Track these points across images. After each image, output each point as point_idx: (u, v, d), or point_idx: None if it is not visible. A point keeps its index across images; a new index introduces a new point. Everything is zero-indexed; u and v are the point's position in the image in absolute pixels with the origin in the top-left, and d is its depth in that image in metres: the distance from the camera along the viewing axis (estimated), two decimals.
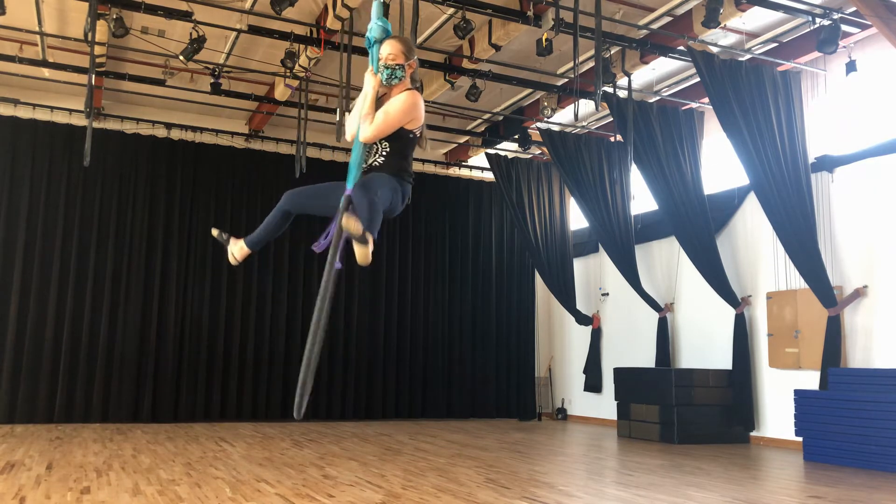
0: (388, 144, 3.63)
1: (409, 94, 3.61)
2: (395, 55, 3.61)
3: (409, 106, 3.58)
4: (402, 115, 3.57)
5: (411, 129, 3.63)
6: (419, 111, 3.64)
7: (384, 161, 3.62)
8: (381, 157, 3.62)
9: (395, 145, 3.62)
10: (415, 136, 3.67)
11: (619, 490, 5.83)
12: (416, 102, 3.61)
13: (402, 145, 3.64)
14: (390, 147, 3.63)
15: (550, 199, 12.69)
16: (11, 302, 10.21)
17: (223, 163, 11.71)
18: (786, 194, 8.49)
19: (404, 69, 3.63)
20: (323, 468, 6.54)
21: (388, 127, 3.57)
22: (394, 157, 3.62)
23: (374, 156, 3.64)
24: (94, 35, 7.82)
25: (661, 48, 8.76)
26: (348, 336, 12.13)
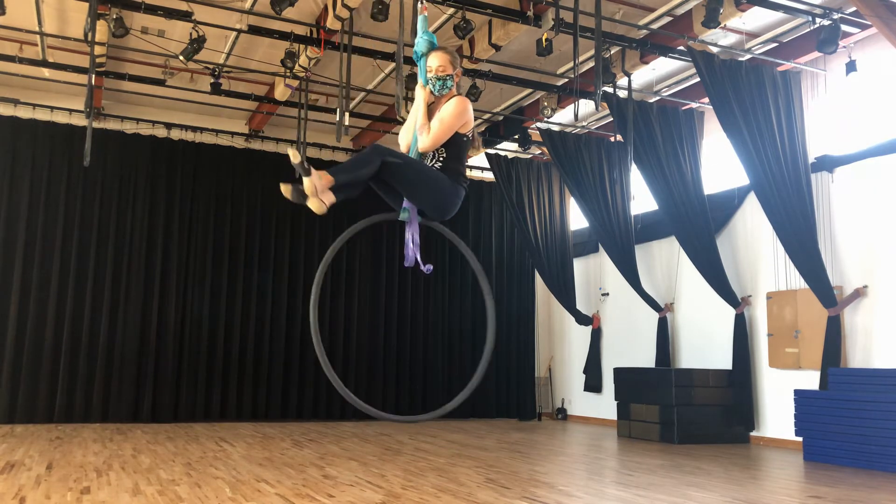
0: (445, 150, 3.77)
1: (459, 99, 3.78)
2: (445, 66, 3.80)
3: (461, 111, 3.74)
4: (455, 120, 3.73)
5: (464, 132, 3.79)
6: (470, 115, 3.81)
7: (442, 167, 3.75)
8: (439, 163, 3.76)
9: (451, 150, 3.77)
10: (468, 138, 3.83)
11: (619, 490, 5.83)
12: (466, 107, 3.79)
13: (458, 149, 3.79)
14: (447, 152, 3.77)
15: (550, 199, 12.69)
16: (11, 302, 10.21)
17: (223, 163, 11.71)
18: (786, 194, 8.49)
19: (453, 78, 3.82)
20: (323, 468, 6.54)
21: (444, 134, 3.72)
22: (450, 161, 3.76)
23: (431, 160, 3.78)
24: (94, 35, 7.82)
25: (661, 48, 8.76)
26: (348, 336, 12.13)
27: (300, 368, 11.71)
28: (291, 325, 11.74)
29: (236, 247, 11.60)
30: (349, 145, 12.73)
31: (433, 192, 3.67)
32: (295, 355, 11.69)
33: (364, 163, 3.47)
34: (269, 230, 11.86)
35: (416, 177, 3.63)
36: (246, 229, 11.71)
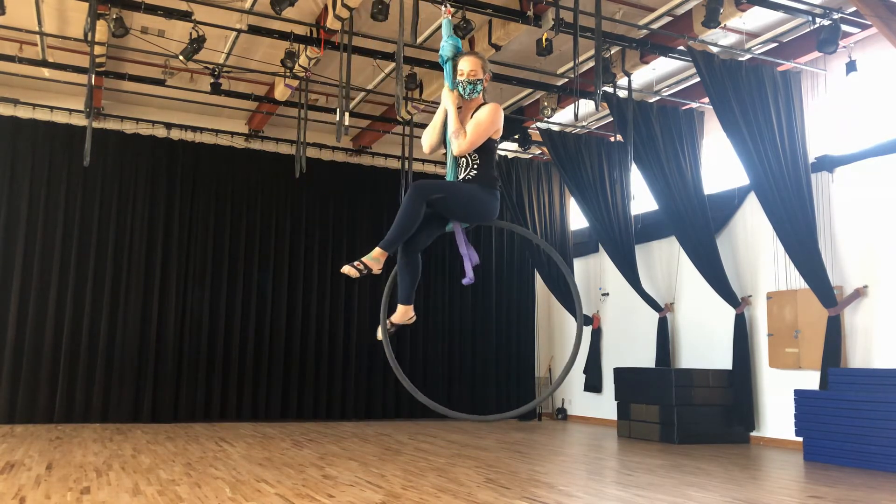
0: (478, 156, 3.81)
1: (495, 106, 3.86)
2: (476, 71, 3.89)
3: (497, 117, 3.82)
4: (491, 125, 3.79)
5: (496, 138, 3.86)
6: (502, 121, 3.88)
7: (476, 174, 3.79)
8: (474, 170, 3.80)
9: (484, 156, 3.81)
10: (495, 143, 3.89)
11: (619, 490, 5.83)
12: (500, 113, 3.87)
13: (490, 155, 3.84)
14: (479, 158, 3.81)
15: (550, 199, 12.69)
16: (11, 302, 10.21)
17: (223, 163, 11.71)
18: (786, 194, 8.49)
19: (482, 83, 3.91)
20: (323, 468, 6.54)
21: (479, 138, 3.77)
22: (484, 167, 3.80)
23: (465, 170, 3.82)
24: (94, 35, 7.81)
25: (661, 48, 8.75)
26: (348, 336, 12.13)
27: (300, 368, 11.71)
28: (291, 324, 11.74)
29: (236, 247, 11.60)
30: (349, 145, 12.72)
31: (475, 208, 3.77)
32: (295, 355, 11.69)
33: (411, 216, 3.61)
34: (269, 230, 11.86)
35: (458, 202, 3.73)
36: (246, 229, 11.71)
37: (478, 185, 3.77)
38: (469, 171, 3.81)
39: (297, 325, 11.74)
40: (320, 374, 11.84)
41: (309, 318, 11.90)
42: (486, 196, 3.76)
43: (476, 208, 3.77)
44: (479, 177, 3.79)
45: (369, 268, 3.65)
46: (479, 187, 3.76)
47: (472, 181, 3.80)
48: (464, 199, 3.73)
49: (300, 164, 10.18)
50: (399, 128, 11.59)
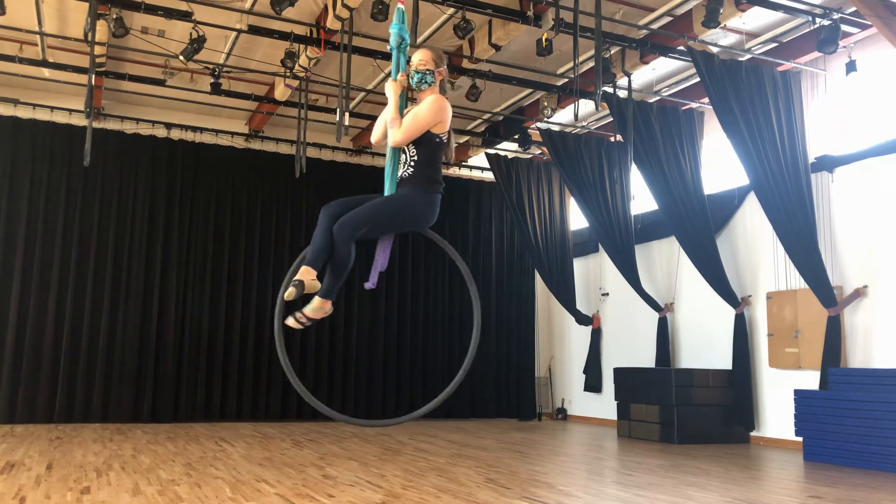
0: (417, 152, 3.66)
1: (437, 97, 3.70)
2: (426, 61, 3.73)
3: (437, 108, 3.64)
4: (429, 116, 3.63)
5: (438, 132, 3.68)
6: (446, 115, 3.69)
7: (413, 172, 3.65)
8: (410, 167, 3.66)
9: (423, 151, 3.66)
10: (441, 140, 3.70)
11: (619, 490, 5.83)
12: (443, 106, 3.68)
13: (430, 151, 3.67)
14: (418, 155, 3.65)
15: (550, 199, 12.69)
16: (11, 302, 10.21)
17: (223, 163, 11.71)
18: (786, 194, 8.49)
19: (434, 75, 3.73)
20: (323, 468, 6.54)
21: (416, 129, 3.63)
22: (422, 166, 3.65)
23: (403, 166, 3.68)
24: (94, 35, 7.82)
25: (661, 48, 8.76)
26: (348, 336, 12.13)
27: (300, 369, 11.70)
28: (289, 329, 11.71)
29: (236, 247, 11.60)
30: (349, 145, 12.73)
31: (403, 218, 3.64)
32: (295, 355, 11.68)
33: (317, 235, 3.55)
34: (268, 230, 11.86)
35: (384, 224, 3.61)
36: (246, 229, 11.71)
37: (410, 186, 3.61)
38: (406, 168, 3.65)
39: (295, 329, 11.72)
40: (320, 374, 11.84)
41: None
42: (417, 200, 3.60)
43: (404, 217, 3.65)
44: (414, 176, 3.63)
45: (313, 319, 3.66)
46: (412, 190, 3.61)
47: (406, 181, 3.64)
48: (387, 216, 3.60)
49: (300, 164, 10.19)
50: None
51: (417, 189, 3.62)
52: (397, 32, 3.73)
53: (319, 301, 3.62)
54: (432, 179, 3.66)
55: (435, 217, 3.72)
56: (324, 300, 3.62)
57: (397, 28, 3.73)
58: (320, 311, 3.65)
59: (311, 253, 3.57)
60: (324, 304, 3.64)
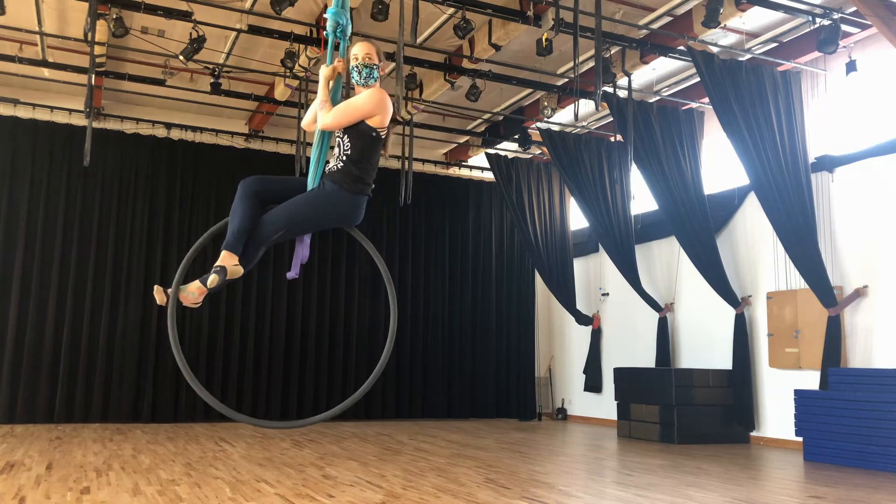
0: (350, 144, 3.48)
1: (376, 90, 3.53)
2: (371, 55, 3.56)
3: (375, 100, 3.46)
4: (365, 106, 3.46)
5: (375, 126, 3.49)
6: (384, 109, 3.50)
7: (342, 167, 3.47)
8: (341, 161, 3.49)
9: (357, 145, 3.48)
10: (378, 135, 3.52)
11: (619, 490, 5.83)
12: (382, 99, 3.50)
13: (365, 146, 3.49)
14: (351, 149, 3.48)
15: (550, 199, 12.69)
16: (11, 302, 10.21)
17: (223, 163, 11.71)
18: (786, 194, 8.49)
19: (377, 68, 3.57)
20: (323, 468, 6.54)
21: (346, 116, 3.45)
22: (353, 163, 3.46)
23: (335, 159, 3.53)
24: (94, 35, 7.81)
25: (661, 48, 8.76)
26: (348, 336, 12.13)
27: (300, 368, 11.72)
28: (291, 324, 11.74)
29: None
30: None
31: (325, 216, 3.52)
32: (295, 355, 11.68)
33: (239, 217, 3.48)
34: None
35: (302, 224, 3.50)
36: None
37: (336, 185, 3.43)
38: (337, 161, 3.50)
39: (296, 325, 11.74)
40: (320, 374, 11.84)
41: (309, 318, 11.90)
42: (341, 201, 3.43)
43: (326, 219, 3.53)
44: (342, 172, 3.46)
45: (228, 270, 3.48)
46: (337, 189, 3.42)
47: (333, 175, 3.46)
48: (309, 218, 3.47)
49: (300, 164, 10.19)
50: (399, 128, 11.58)
51: (342, 188, 3.44)
52: (333, 16, 3.52)
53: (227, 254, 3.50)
54: (360, 179, 3.47)
55: (359, 218, 3.55)
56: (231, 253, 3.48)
57: (333, 12, 3.53)
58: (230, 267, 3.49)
59: (232, 235, 3.45)
60: (230, 258, 3.49)
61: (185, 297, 3.53)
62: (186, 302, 3.53)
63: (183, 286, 3.52)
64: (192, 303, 3.54)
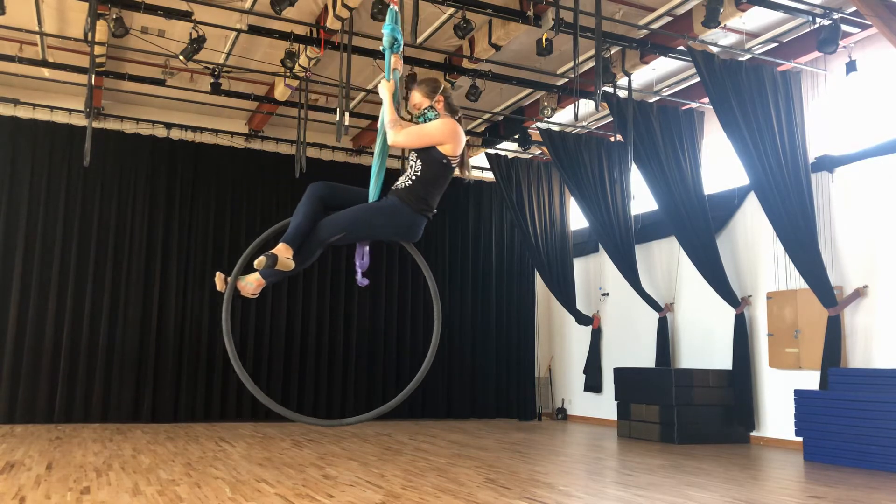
0: (422, 167, 3.64)
1: (447, 119, 3.69)
2: (419, 103, 3.75)
3: (445, 130, 3.62)
4: (436, 133, 3.62)
5: (447, 154, 3.64)
6: (456, 139, 3.65)
7: (410, 186, 3.63)
8: (410, 180, 3.64)
9: (427, 171, 3.63)
10: (448, 163, 3.66)
11: (619, 490, 5.83)
12: (454, 129, 3.65)
13: (434, 172, 3.64)
14: (421, 171, 3.63)
15: (550, 199, 12.69)
16: (11, 302, 10.20)
17: (223, 163, 11.71)
18: (786, 194, 8.49)
19: (433, 109, 3.73)
20: (323, 468, 6.54)
21: (416, 138, 3.62)
22: (421, 185, 3.62)
23: (404, 177, 3.67)
24: (94, 35, 7.81)
25: (661, 48, 8.76)
26: (348, 336, 12.13)
27: (300, 368, 11.72)
28: (291, 324, 11.74)
29: (236, 247, 11.58)
30: (349, 145, 12.73)
31: (387, 229, 3.63)
32: (295, 355, 11.68)
33: (301, 216, 3.54)
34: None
35: (362, 231, 3.61)
36: (246, 229, 11.70)
37: (401, 200, 3.60)
38: (406, 180, 3.65)
39: (296, 325, 11.74)
40: (320, 374, 11.84)
41: (309, 318, 11.90)
42: (403, 215, 3.59)
43: (385, 230, 3.66)
44: (409, 190, 3.61)
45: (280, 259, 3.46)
46: (401, 204, 3.60)
47: (399, 192, 3.62)
48: (370, 225, 3.60)
49: (300, 164, 10.19)
50: None
51: (406, 204, 3.60)
52: (390, 32, 3.71)
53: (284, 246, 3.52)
54: (424, 200, 3.63)
55: (416, 236, 3.70)
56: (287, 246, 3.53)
57: (390, 28, 3.71)
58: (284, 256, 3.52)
59: (292, 230, 3.55)
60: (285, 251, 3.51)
61: (244, 287, 3.65)
62: (244, 291, 3.67)
63: (242, 276, 3.63)
64: (249, 293, 3.67)
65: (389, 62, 3.74)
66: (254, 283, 3.64)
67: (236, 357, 3.50)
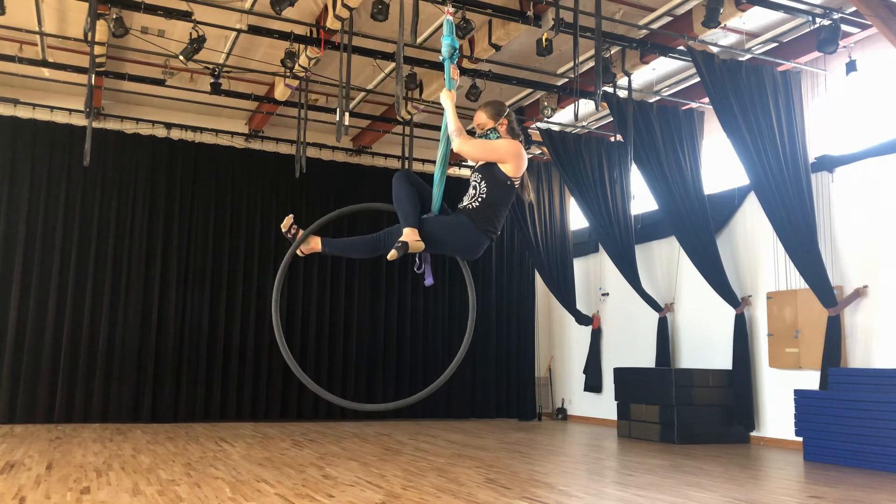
0: (487, 189, 3.72)
1: (513, 141, 3.78)
2: (483, 123, 3.84)
3: (511, 150, 3.72)
4: (501, 149, 3.73)
5: (510, 175, 3.73)
6: (519, 159, 3.75)
7: (476, 208, 3.72)
8: (476, 202, 3.73)
9: (493, 191, 3.72)
10: (512, 184, 3.76)
11: (619, 490, 5.83)
12: (518, 151, 3.75)
13: (499, 194, 3.73)
14: (487, 194, 3.72)
15: (550, 199, 12.70)
16: (11, 302, 10.20)
17: (223, 163, 11.71)
18: (786, 194, 8.49)
19: (496, 130, 3.82)
20: (323, 468, 6.54)
21: (483, 151, 3.74)
22: (487, 206, 3.72)
23: (470, 198, 3.76)
24: (94, 35, 7.82)
25: (661, 48, 8.76)
26: (348, 336, 12.14)
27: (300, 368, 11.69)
28: (291, 324, 11.73)
29: (236, 247, 11.60)
30: (349, 145, 12.72)
31: (451, 244, 3.79)
32: (295, 355, 11.59)
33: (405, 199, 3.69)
34: (269, 230, 11.85)
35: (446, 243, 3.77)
36: (246, 229, 11.71)
37: (468, 218, 3.72)
38: (473, 200, 3.75)
39: (296, 325, 11.74)
40: (320, 374, 11.83)
41: (309, 318, 11.90)
42: (471, 232, 3.71)
43: (454, 244, 3.79)
44: (476, 211, 3.72)
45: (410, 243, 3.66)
46: (469, 221, 3.71)
47: (466, 211, 3.73)
48: (439, 235, 3.73)
49: (300, 164, 10.19)
50: (399, 128, 11.59)
51: (475, 223, 3.71)
52: (449, 43, 3.80)
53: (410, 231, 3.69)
54: (490, 221, 3.74)
55: (477, 255, 3.83)
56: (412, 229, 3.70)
57: (450, 39, 3.81)
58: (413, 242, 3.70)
59: (408, 214, 3.66)
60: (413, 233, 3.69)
61: (303, 245, 3.98)
62: (302, 247, 3.99)
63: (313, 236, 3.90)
64: (306, 251, 4.01)
65: (449, 72, 3.82)
66: (311, 245, 3.95)
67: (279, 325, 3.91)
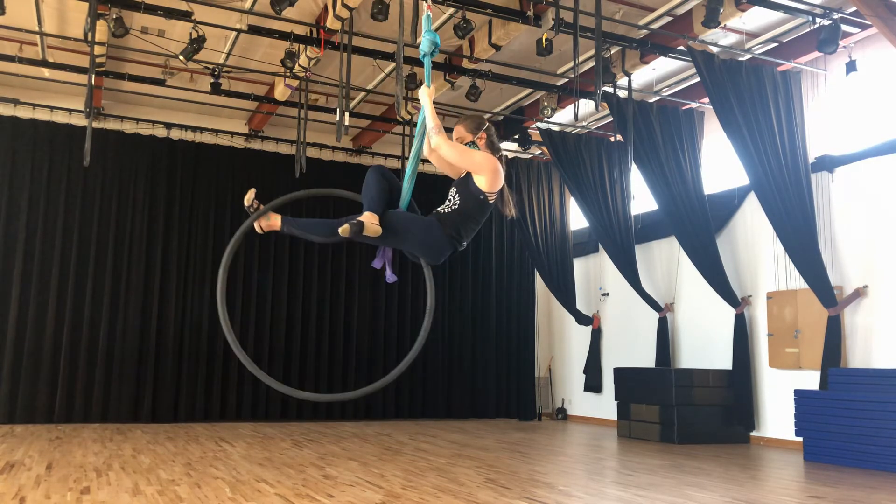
0: (460, 201, 3.72)
1: (491, 156, 3.75)
2: (462, 137, 3.82)
3: (487, 163, 3.69)
4: (476, 159, 3.70)
5: (485, 190, 3.70)
6: (495, 174, 3.71)
7: (449, 213, 3.73)
8: (450, 209, 3.74)
9: (464, 203, 3.72)
10: (485, 199, 3.73)
11: (619, 490, 5.83)
12: (496, 167, 3.71)
13: (471, 206, 3.72)
14: (460, 204, 3.72)
15: (550, 199, 12.70)
16: (11, 302, 10.20)
17: (223, 163, 11.71)
18: (786, 194, 8.49)
19: (475, 144, 3.79)
20: (323, 468, 6.54)
21: (458, 156, 3.69)
22: (458, 215, 3.71)
23: (446, 206, 3.77)
24: (94, 35, 7.81)
25: (661, 48, 8.76)
26: (348, 336, 12.13)
27: (301, 368, 11.71)
28: (291, 324, 11.74)
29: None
30: (349, 145, 12.72)
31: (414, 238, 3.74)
32: (295, 355, 11.68)
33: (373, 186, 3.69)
34: None
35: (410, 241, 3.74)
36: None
37: (438, 220, 3.71)
38: (446, 208, 3.76)
39: (296, 325, 11.74)
40: (320, 374, 11.83)
41: (309, 318, 11.90)
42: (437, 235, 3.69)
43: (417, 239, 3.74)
44: (447, 216, 3.72)
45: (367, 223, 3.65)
46: (438, 224, 3.70)
47: (440, 214, 3.75)
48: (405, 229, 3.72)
49: (300, 164, 10.19)
50: (399, 128, 11.59)
51: (440, 224, 3.70)
52: (431, 39, 3.76)
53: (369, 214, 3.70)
54: (458, 230, 3.72)
55: (438, 260, 3.77)
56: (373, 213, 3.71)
57: (430, 35, 3.76)
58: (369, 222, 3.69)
59: (372, 200, 3.65)
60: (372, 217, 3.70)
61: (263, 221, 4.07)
62: (261, 223, 4.05)
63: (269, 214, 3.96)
64: (264, 227, 4.07)
65: (430, 68, 3.78)
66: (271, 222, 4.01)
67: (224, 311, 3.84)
